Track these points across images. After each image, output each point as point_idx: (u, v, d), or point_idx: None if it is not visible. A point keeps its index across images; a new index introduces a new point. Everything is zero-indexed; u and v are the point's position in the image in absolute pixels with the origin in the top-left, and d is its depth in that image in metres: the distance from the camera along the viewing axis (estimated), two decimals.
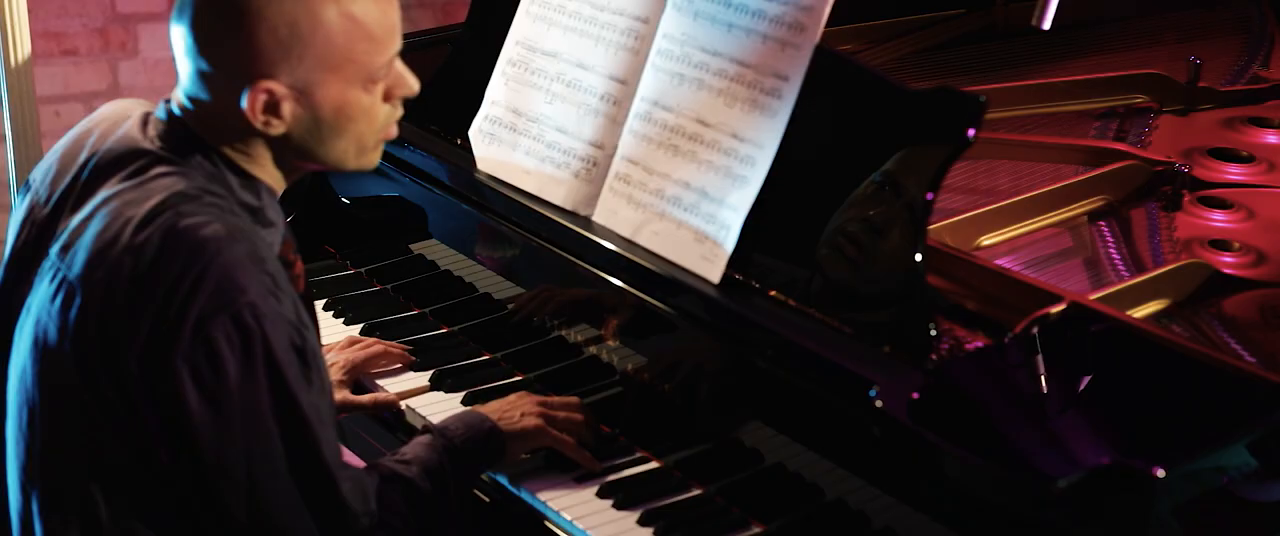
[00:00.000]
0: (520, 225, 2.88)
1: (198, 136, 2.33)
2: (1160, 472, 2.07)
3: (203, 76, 2.29)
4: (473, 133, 2.97)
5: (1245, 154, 3.23)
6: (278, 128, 2.29)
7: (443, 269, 3.18)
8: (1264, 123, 3.34)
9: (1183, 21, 3.78)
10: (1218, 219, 3.02)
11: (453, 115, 3.06)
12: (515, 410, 2.67)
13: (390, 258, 3.29)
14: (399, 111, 2.40)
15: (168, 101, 2.37)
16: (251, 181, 2.35)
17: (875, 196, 2.48)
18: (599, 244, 2.73)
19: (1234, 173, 3.18)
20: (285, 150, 2.35)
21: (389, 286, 3.25)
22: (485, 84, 2.98)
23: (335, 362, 2.93)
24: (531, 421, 2.65)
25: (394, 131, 2.41)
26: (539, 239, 2.84)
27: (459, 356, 3.02)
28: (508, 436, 2.62)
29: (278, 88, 2.25)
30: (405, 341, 3.05)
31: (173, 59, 2.32)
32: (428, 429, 2.60)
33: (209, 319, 2.18)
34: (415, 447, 2.55)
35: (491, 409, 2.67)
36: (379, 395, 2.92)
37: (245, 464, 2.23)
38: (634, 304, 2.69)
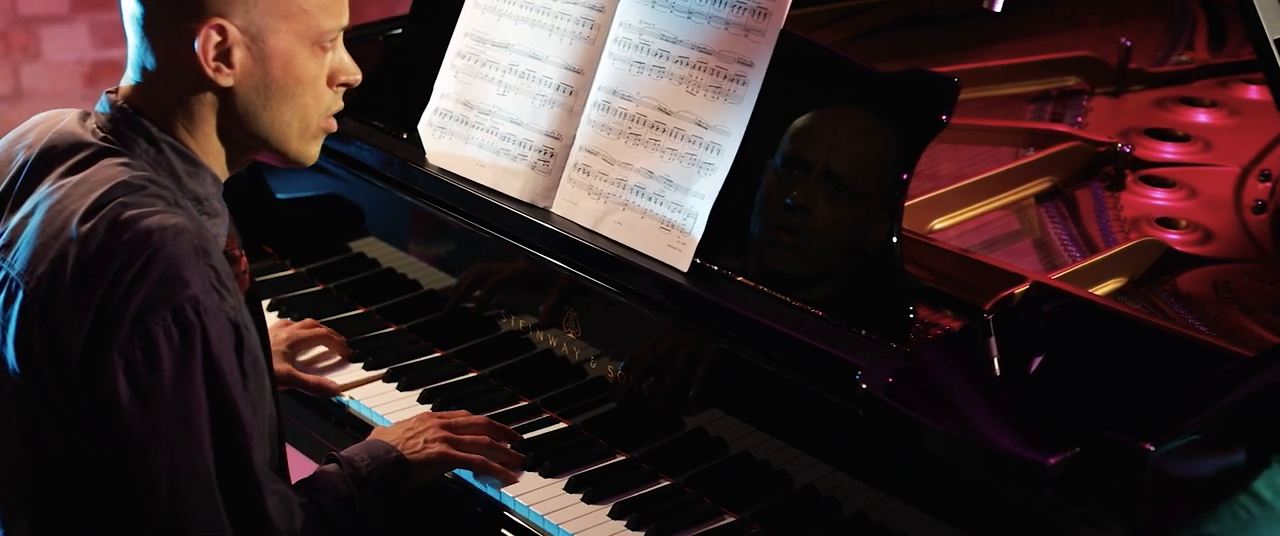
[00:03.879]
0: (476, 218, 2.84)
1: (142, 123, 2.29)
2: (1150, 447, 2.07)
3: (155, 27, 2.25)
4: (422, 127, 2.94)
5: (1181, 133, 3.27)
6: (227, 78, 2.25)
7: (384, 267, 3.14)
8: (1195, 102, 3.38)
9: (1106, 4, 3.80)
10: (1161, 197, 3.06)
11: (398, 109, 3.02)
12: (418, 437, 2.61)
13: (331, 256, 3.24)
14: (340, 103, 2.38)
15: (109, 93, 2.33)
16: (198, 169, 2.31)
17: (857, 157, 2.47)
18: (563, 235, 2.70)
19: (1172, 152, 3.22)
20: (229, 114, 2.30)
21: (332, 285, 3.20)
22: (431, 77, 2.94)
23: (279, 336, 2.92)
24: (435, 448, 2.60)
25: (334, 124, 2.39)
26: (497, 232, 2.81)
27: (412, 354, 2.99)
28: (412, 464, 2.57)
29: (230, 28, 2.23)
30: (353, 341, 3.01)
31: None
32: (333, 458, 2.53)
33: (149, 311, 2.13)
34: (323, 476, 2.49)
35: (395, 437, 2.61)
36: (325, 379, 2.91)
37: (170, 462, 2.17)
38: (597, 295, 2.67)
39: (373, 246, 3.17)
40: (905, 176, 2.40)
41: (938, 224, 2.91)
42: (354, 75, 2.37)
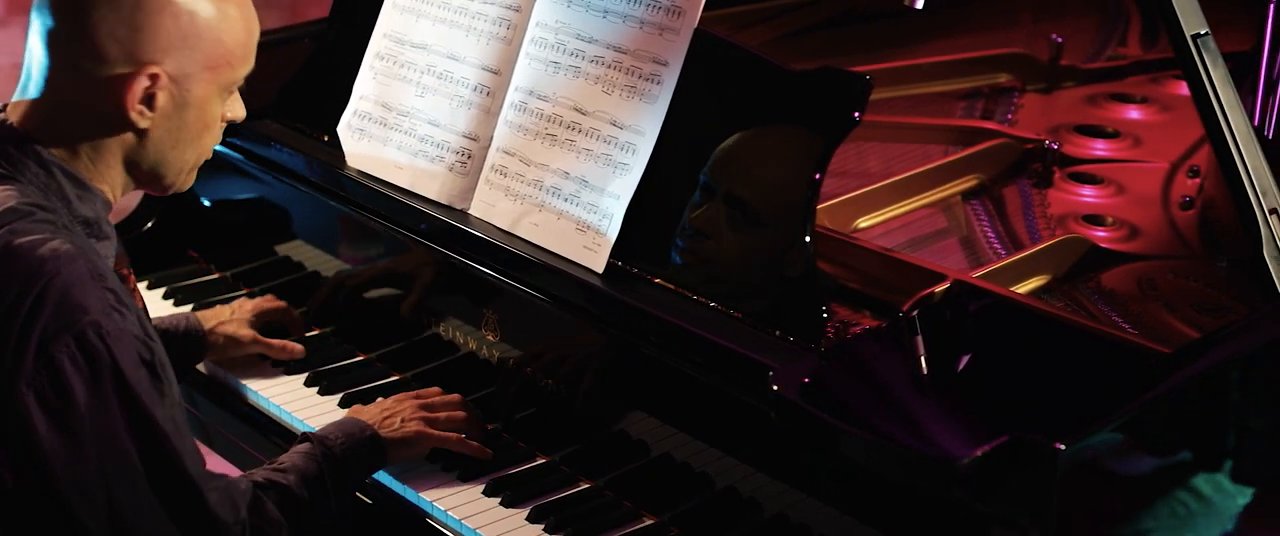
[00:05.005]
0: (394, 221, 2.82)
1: (33, 147, 2.26)
2: (1062, 446, 2.06)
3: (80, 62, 2.23)
4: (341, 129, 2.91)
5: (1111, 129, 3.26)
6: (145, 120, 2.26)
7: (310, 270, 3.12)
8: (1126, 98, 3.37)
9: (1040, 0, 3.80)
10: (1088, 194, 3.05)
11: (318, 112, 2.99)
12: (396, 415, 2.61)
13: (255, 260, 3.22)
14: (220, 136, 2.40)
15: None
16: (89, 193, 2.29)
17: (762, 180, 2.45)
18: (479, 237, 2.68)
19: (1101, 148, 3.21)
20: (136, 154, 2.30)
21: (256, 289, 3.17)
22: (351, 79, 2.92)
23: (243, 305, 2.96)
24: (412, 426, 2.60)
25: (210, 154, 2.41)
26: (417, 234, 2.79)
27: (334, 358, 2.96)
28: (388, 443, 2.57)
29: (161, 76, 2.24)
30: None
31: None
32: (306, 437, 2.53)
33: (52, 340, 2.12)
34: (293, 456, 2.49)
35: (372, 414, 2.61)
36: (289, 344, 2.92)
37: (103, 485, 2.17)
38: (515, 297, 2.65)
39: (298, 249, 3.15)
40: (818, 176, 2.37)
41: (862, 222, 2.90)
42: (240, 113, 2.40)
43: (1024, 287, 2.68)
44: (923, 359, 2.30)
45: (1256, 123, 2.94)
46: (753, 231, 2.46)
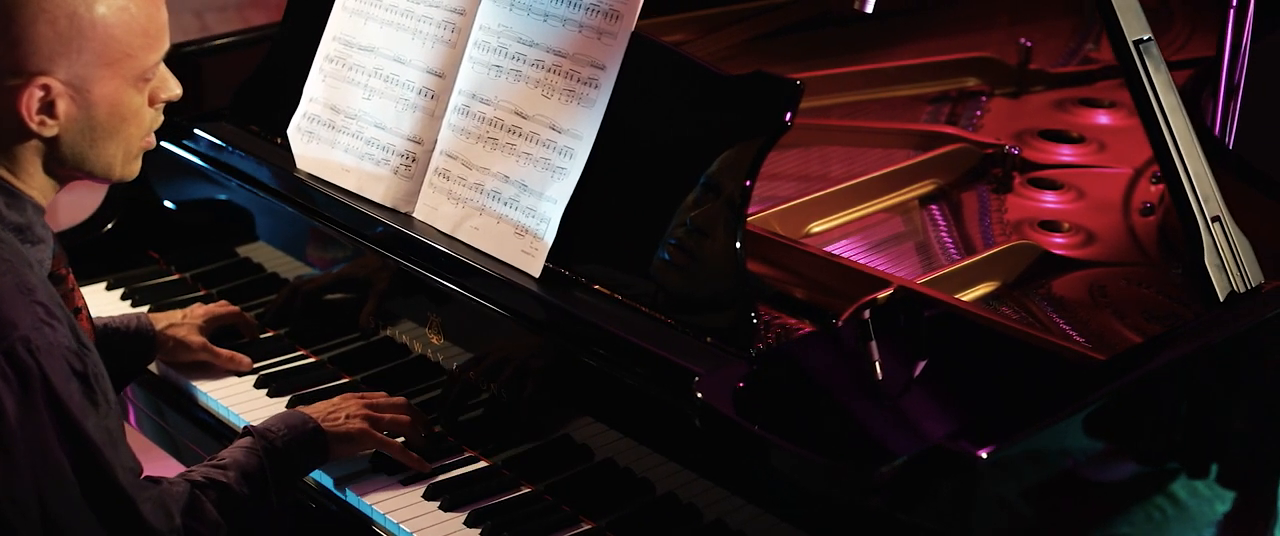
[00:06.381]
0: (341, 224, 2.82)
1: None
2: (984, 454, 2.04)
3: None
4: (291, 131, 2.91)
5: (1076, 135, 3.24)
6: (51, 129, 2.24)
7: (269, 271, 3.12)
8: (1094, 103, 3.35)
9: (1018, 3, 3.77)
10: (1048, 200, 3.03)
11: (272, 114, 2.99)
12: (340, 411, 2.61)
13: (216, 261, 3.22)
14: (160, 118, 2.37)
15: None
16: (17, 199, 2.29)
17: (695, 187, 2.44)
18: (420, 241, 2.67)
19: (1065, 153, 3.19)
20: (54, 157, 2.29)
21: (215, 290, 3.17)
22: (303, 82, 2.92)
23: (196, 312, 2.95)
24: (356, 423, 2.59)
25: (154, 141, 2.38)
26: (361, 237, 2.79)
27: (286, 360, 2.97)
28: (331, 438, 2.57)
29: (54, 84, 2.21)
30: (233, 345, 2.97)
31: None
32: (248, 430, 2.53)
33: None
34: (234, 450, 2.49)
35: (316, 409, 2.61)
36: (237, 355, 2.91)
37: (36, 497, 2.17)
38: (458, 301, 2.65)
39: (259, 251, 3.15)
40: (749, 183, 2.36)
41: (816, 227, 2.88)
42: (175, 92, 2.36)
43: (971, 294, 2.67)
44: (856, 366, 2.29)
45: (1217, 130, 2.93)
46: (685, 236, 2.45)
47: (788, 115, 2.35)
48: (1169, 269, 2.78)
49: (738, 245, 2.36)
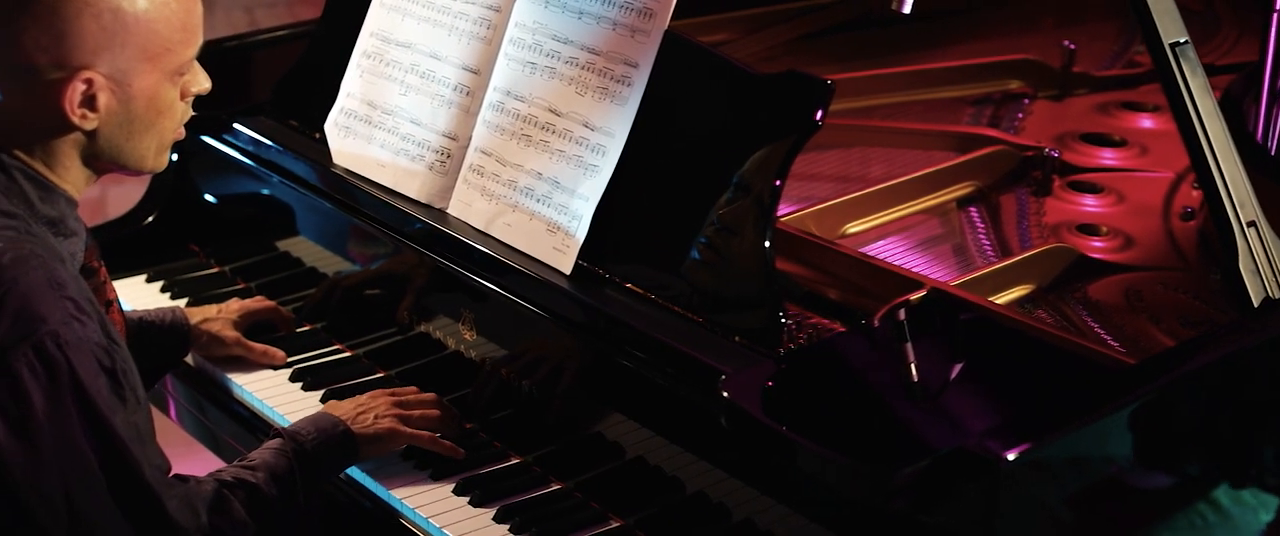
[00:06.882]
0: (378, 220, 2.83)
1: None
2: (1008, 457, 2.03)
3: (15, 73, 2.24)
4: (328, 126, 2.93)
5: (1118, 138, 3.22)
6: (91, 122, 2.27)
7: (308, 266, 3.13)
8: (1138, 107, 3.32)
9: (1064, 6, 3.75)
10: (1088, 204, 3.01)
11: (311, 109, 3.01)
12: (369, 412, 2.61)
13: (255, 255, 3.24)
14: (190, 111, 2.40)
15: None
16: (51, 193, 2.31)
17: (725, 186, 2.44)
18: (453, 237, 2.68)
19: (1107, 157, 3.17)
20: (90, 150, 2.32)
21: (254, 284, 3.19)
22: (341, 77, 2.93)
23: (230, 306, 2.96)
24: (385, 423, 2.60)
25: (184, 133, 2.41)
26: (396, 234, 2.80)
27: (321, 354, 2.97)
28: (360, 439, 2.57)
29: (97, 77, 2.23)
30: (269, 340, 2.99)
31: None
32: (278, 432, 2.54)
33: (10, 350, 2.14)
34: (263, 452, 2.50)
35: (345, 410, 2.61)
36: (271, 349, 2.92)
37: (63, 492, 2.18)
38: (490, 297, 2.65)
39: (299, 245, 3.16)
40: (778, 183, 2.36)
41: (852, 227, 2.87)
42: (205, 86, 2.39)
43: (1005, 297, 2.65)
44: (885, 367, 2.28)
45: (1259, 136, 2.91)
46: (714, 235, 2.45)
47: (818, 114, 2.35)
48: (1208, 274, 2.75)
49: (767, 244, 2.35)
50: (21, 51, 2.22)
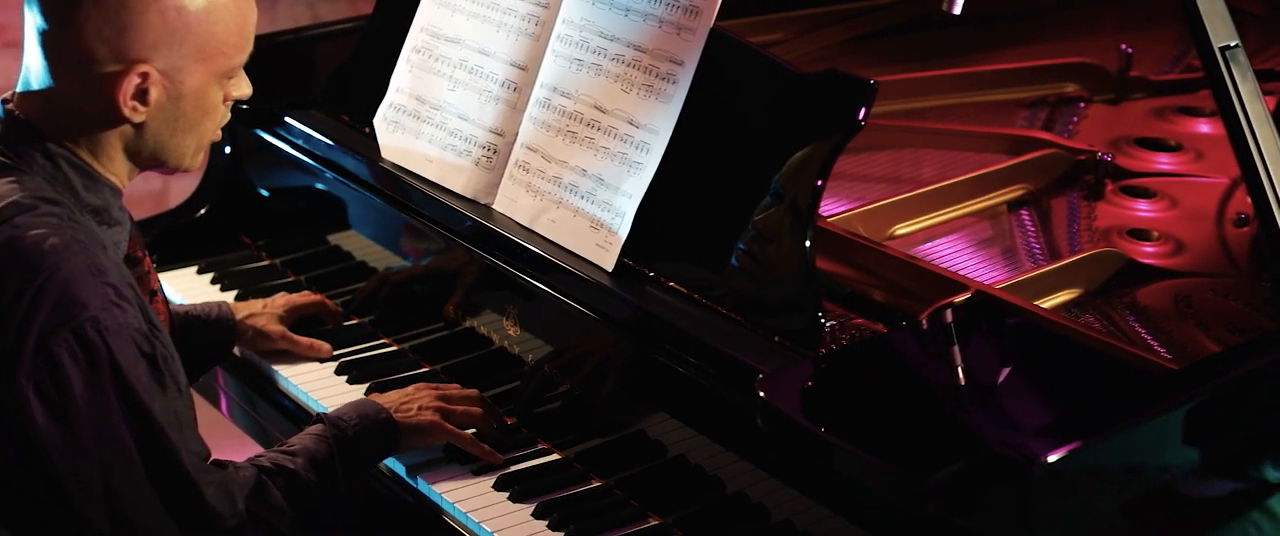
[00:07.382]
0: (425, 215, 2.84)
1: (39, 135, 2.31)
2: (1044, 461, 2.01)
3: (72, 61, 2.27)
4: (377, 120, 2.94)
5: (1173, 143, 3.19)
6: (140, 115, 2.29)
7: (358, 260, 3.14)
8: (1195, 112, 3.29)
9: (1126, 9, 3.72)
10: (1141, 208, 2.98)
11: (361, 104, 3.02)
12: (412, 402, 2.62)
13: (306, 248, 3.25)
14: (229, 115, 2.43)
15: (5, 102, 2.35)
16: (95, 182, 2.33)
17: (768, 184, 2.43)
18: (498, 233, 2.69)
19: (1161, 162, 3.14)
20: (134, 143, 2.34)
21: (304, 277, 3.20)
22: (391, 72, 2.95)
23: (276, 300, 2.98)
24: (428, 415, 2.60)
25: (220, 134, 2.44)
26: (443, 229, 2.81)
27: (367, 348, 2.98)
28: (402, 429, 2.58)
29: (152, 72, 2.27)
30: (316, 333, 3.00)
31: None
32: (320, 417, 2.55)
33: (50, 335, 2.16)
34: (304, 438, 2.51)
35: (388, 399, 2.63)
36: (317, 341, 2.94)
37: (102, 476, 2.20)
38: (534, 294, 2.65)
39: (350, 239, 3.18)
40: (820, 182, 2.35)
41: (900, 229, 2.86)
42: (246, 91, 2.42)
43: (1052, 301, 2.64)
44: (924, 369, 2.27)
45: None
46: (755, 234, 2.44)
47: (861, 114, 2.34)
48: (1259, 281, 2.73)
49: (807, 244, 2.34)
50: (82, 40, 2.24)
